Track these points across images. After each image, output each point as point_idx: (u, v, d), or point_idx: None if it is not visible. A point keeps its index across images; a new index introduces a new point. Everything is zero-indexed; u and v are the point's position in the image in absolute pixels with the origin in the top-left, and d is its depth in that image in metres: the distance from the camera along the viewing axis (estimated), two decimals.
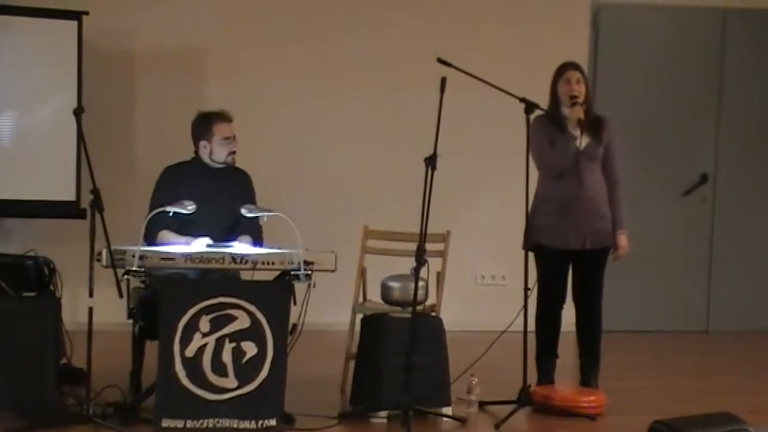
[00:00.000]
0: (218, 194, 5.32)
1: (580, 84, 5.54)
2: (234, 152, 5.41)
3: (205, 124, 5.39)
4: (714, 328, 8.38)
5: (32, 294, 5.06)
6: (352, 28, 7.81)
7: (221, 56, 7.64)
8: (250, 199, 5.40)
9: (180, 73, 7.58)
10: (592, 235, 5.55)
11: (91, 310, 4.71)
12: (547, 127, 5.53)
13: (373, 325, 5.29)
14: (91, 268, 4.71)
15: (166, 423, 4.68)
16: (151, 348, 5.03)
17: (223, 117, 5.40)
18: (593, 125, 5.57)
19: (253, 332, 4.81)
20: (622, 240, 5.61)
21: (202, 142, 5.38)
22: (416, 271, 4.98)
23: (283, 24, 7.73)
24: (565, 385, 5.70)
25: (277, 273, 5.03)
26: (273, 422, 4.75)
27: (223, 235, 5.23)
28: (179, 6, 7.59)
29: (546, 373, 5.67)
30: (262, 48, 7.70)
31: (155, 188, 5.41)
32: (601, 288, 5.67)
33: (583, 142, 5.53)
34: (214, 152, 5.38)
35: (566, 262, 5.63)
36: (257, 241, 5.32)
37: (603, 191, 5.58)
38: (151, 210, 5.15)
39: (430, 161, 4.91)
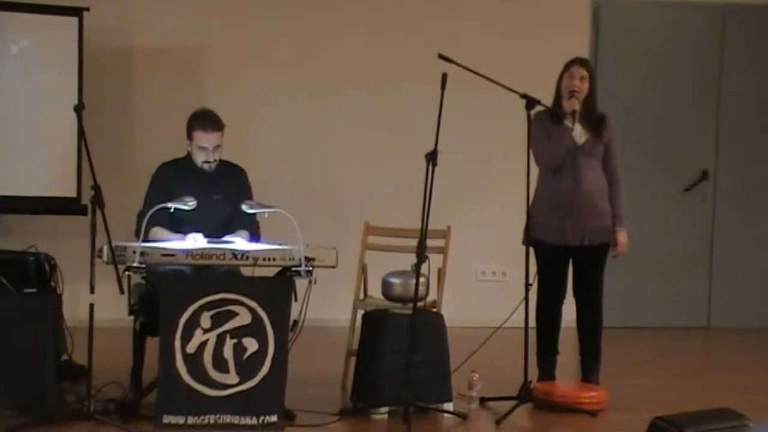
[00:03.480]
0: (213, 191, 5.31)
1: (583, 81, 5.54)
2: (209, 162, 5.31)
3: (189, 124, 5.35)
4: (715, 324, 8.38)
5: (33, 290, 5.05)
6: (352, 25, 7.81)
7: (220, 53, 7.64)
8: (245, 195, 5.36)
9: (179, 70, 7.59)
10: (590, 231, 5.55)
11: (91, 306, 4.71)
12: (545, 122, 5.54)
13: (373, 322, 5.28)
14: (92, 265, 4.70)
15: (167, 419, 4.68)
16: (152, 344, 5.03)
17: (203, 125, 5.29)
18: (594, 122, 5.57)
19: (254, 328, 4.81)
20: (621, 237, 5.61)
21: (187, 141, 5.37)
22: (417, 267, 4.99)
23: (282, 21, 7.73)
24: (565, 381, 5.71)
25: (278, 269, 5.03)
26: (274, 418, 4.75)
27: (218, 232, 5.21)
28: (178, 3, 7.59)
29: (547, 370, 5.68)
30: (261, 45, 7.70)
31: (150, 184, 5.40)
32: (600, 284, 5.67)
33: (582, 137, 5.54)
34: (193, 155, 5.36)
35: (565, 258, 5.63)
36: (254, 237, 5.31)
37: (602, 188, 5.58)
38: (145, 206, 5.16)
39: (431, 157, 4.92)
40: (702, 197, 8.33)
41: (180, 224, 5.18)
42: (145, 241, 4.91)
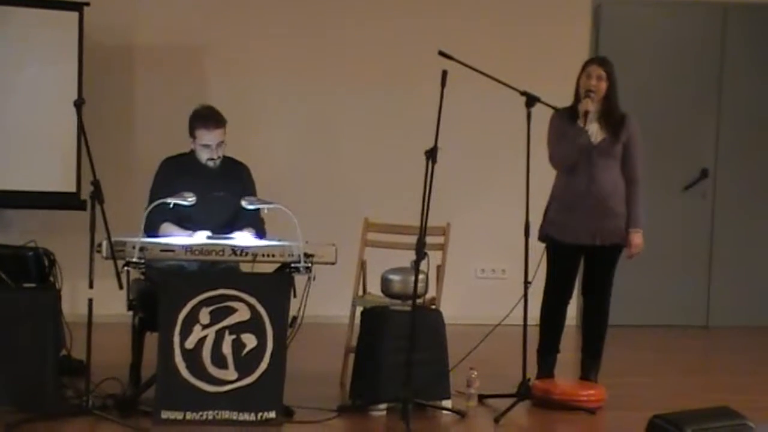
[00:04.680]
0: (216, 187, 5.31)
1: (600, 80, 5.47)
2: (213, 159, 5.31)
3: (191, 123, 5.34)
4: (714, 323, 8.38)
5: (32, 285, 5.05)
6: (353, 23, 7.80)
7: (221, 51, 7.63)
8: (248, 191, 5.37)
9: (180, 67, 7.58)
10: (602, 232, 5.51)
11: (90, 301, 4.71)
12: (562, 121, 5.51)
13: (373, 318, 5.28)
14: (91, 260, 4.71)
15: (165, 415, 4.68)
16: (151, 340, 5.03)
17: (205, 123, 5.29)
18: (613, 122, 5.52)
19: (253, 324, 4.81)
20: (635, 238, 5.54)
21: (190, 139, 5.37)
22: (416, 264, 4.98)
23: (284, 19, 7.72)
24: (564, 379, 5.70)
25: (277, 265, 5.03)
26: (272, 414, 4.76)
27: (222, 229, 5.21)
28: (180, 0, 7.58)
29: (546, 367, 5.67)
30: (262, 43, 7.69)
31: (154, 180, 5.40)
32: (610, 285, 5.64)
33: (597, 137, 5.50)
34: (197, 152, 5.36)
35: (576, 257, 5.62)
36: (259, 233, 5.31)
37: (618, 188, 5.52)
38: (150, 201, 5.15)
39: (431, 154, 4.91)
40: (702, 196, 8.32)
41: (184, 221, 5.19)
42: (152, 235, 4.92)
